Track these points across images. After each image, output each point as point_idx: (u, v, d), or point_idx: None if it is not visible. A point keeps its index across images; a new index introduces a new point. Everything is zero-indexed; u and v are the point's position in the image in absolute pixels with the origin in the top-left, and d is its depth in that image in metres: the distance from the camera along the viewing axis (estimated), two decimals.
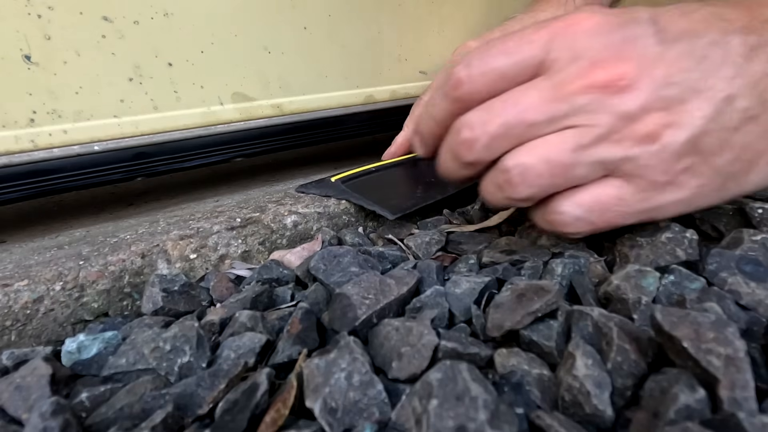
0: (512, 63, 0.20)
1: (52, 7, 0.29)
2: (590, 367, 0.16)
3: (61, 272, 0.25)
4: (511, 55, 0.20)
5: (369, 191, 0.35)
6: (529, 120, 0.20)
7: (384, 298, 0.21)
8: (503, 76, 0.21)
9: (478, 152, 0.21)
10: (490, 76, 0.21)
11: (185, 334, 0.19)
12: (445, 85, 0.22)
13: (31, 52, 0.29)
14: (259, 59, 0.37)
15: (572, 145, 0.19)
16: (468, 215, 0.35)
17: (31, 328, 0.24)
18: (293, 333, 0.20)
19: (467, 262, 0.26)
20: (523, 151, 0.20)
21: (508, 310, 0.19)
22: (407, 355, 0.17)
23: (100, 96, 0.32)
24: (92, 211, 0.40)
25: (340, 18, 0.41)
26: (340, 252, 0.25)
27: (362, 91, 0.44)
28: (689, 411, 0.13)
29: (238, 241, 0.30)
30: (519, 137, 0.20)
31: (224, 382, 0.17)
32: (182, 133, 0.35)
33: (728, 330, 0.15)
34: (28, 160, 0.30)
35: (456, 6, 0.48)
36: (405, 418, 0.15)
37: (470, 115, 0.21)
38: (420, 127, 0.25)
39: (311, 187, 0.37)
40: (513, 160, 0.20)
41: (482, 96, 0.21)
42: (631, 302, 0.19)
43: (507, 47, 0.21)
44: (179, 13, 0.33)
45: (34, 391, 0.17)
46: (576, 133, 0.20)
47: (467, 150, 0.21)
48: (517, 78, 0.21)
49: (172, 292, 0.25)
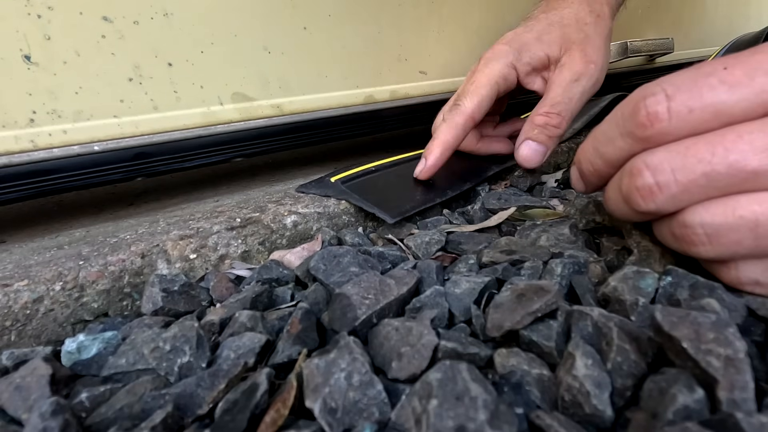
0: (738, 99, 0.16)
1: (52, 7, 0.29)
2: (590, 367, 0.16)
3: (60, 272, 0.25)
4: (737, 89, 0.16)
5: (369, 192, 0.35)
6: (748, 169, 0.15)
7: (384, 298, 0.21)
8: (720, 115, 0.16)
9: (661, 204, 0.17)
10: (701, 115, 0.16)
11: (185, 334, 0.19)
12: (631, 121, 0.18)
13: (30, 52, 0.29)
14: (259, 59, 0.37)
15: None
16: (468, 215, 0.35)
17: (30, 328, 0.24)
18: (293, 333, 0.20)
19: (467, 262, 0.26)
20: (719, 208, 0.16)
21: (507, 310, 0.19)
22: (407, 355, 0.17)
23: (100, 96, 0.32)
24: (92, 211, 0.40)
25: (340, 18, 0.41)
26: (340, 252, 0.25)
27: (362, 91, 0.44)
28: (688, 411, 0.13)
29: (238, 241, 0.30)
30: (720, 190, 0.16)
31: (224, 382, 0.17)
32: (182, 133, 0.35)
33: (728, 330, 0.15)
34: (28, 160, 0.30)
35: (456, 6, 0.48)
36: (405, 418, 0.15)
37: (657, 156, 0.17)
38: (582, 165, 0.22)
39: (311, 186, 0.37)
40: (700, 218, 0.17)
41: (680, 137, 0.17)
42: (628, 304, 0.19)
43: (734, 77, 0.16)
44: (179, 13, 0.33)
45: (33, 392, 0.17)
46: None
47: (646, 198, 0.17)
48: (741, 119, 0.16)
49: (172, 292, 0.25)
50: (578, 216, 0.29)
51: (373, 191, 0.35)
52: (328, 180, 0.36)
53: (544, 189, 0.38)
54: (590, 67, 0.36)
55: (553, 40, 0.37)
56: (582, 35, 0.37)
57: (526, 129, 0.37)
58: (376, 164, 0.39)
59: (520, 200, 0.35)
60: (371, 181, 0.37)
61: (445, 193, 0.36)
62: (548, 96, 0.36)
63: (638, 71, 0.66)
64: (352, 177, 0.37)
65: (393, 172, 0.39)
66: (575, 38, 0.37)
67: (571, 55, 0.36)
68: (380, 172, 0.38)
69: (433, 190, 0.36)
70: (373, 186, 0.36)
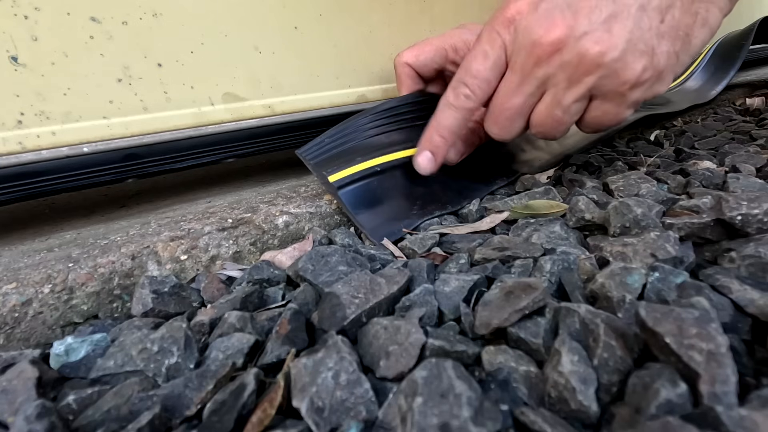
0: None
1: (39, 8, 0.29)
2: (576, 364, 0.16)
3: (50, 275, 0.25)
4: None
5: (363, 203, 0.33)
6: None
7: (374, 297, 0.21)
8: None
9: None
10: None
11: (173, 335, 0.19)
12: None
13: (18, 54, 0.29)
14: (249, 59, 0.37)
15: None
16: (462, 216, 0.35)
17: (19, 331, 0.24)
18: (282, 333, 0.20)
19: (458, 261, 0.26)
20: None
21: (496, 307, 0.19)
22: (395, 354, 0.18)
23: (89, 97, 0.31)
24: (83, 213, 0.40)
25: (331, 17, 0.41)
26: (328, 252, 0.25)
27: (354, 90, 0.43)
28: (670, 406, 0.13)
29: (230, 242, 0.30)
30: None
31: (212, 382, 0.17)
32: (173, 134, 0.35)
33: (711, 326, 0.15)
34: (16, 162, 0.29)
35: (448, 4, 0.48)
36: (391, 416, 0.15)
37: None
38: None
39: (312, 159, 0.34)
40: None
41: None
42: (615, 300, 0.19)
43: None
44: (168, 14, 0.33)
45: (20, 394, 0.17)
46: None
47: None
48: None
49: (162, 293, 0.25)
50: (568, 214, 0.29)
51: (368, 202, 0.33)
52: (326, 176, 0.33)
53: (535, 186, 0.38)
54: None
55: None
56: None
57: None
58: (379, 162, 0.35)
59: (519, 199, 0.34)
60: (369, 187, 0.34)
61: (445, 207, 0.35)
62: None
63: None
64: (351, 180, 0.33)
65: (395, 174, 0.35)
66: None
67: None
68: (381, 175, 0.35)
69: (432, 203, 0.35)
70: (370, 194, 0.33)
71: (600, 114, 0.30)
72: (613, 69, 0.26)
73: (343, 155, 0.35)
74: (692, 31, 0.27)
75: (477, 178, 0.39)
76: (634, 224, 0.25)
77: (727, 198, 0.23)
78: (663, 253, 0.22)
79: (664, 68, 0.27)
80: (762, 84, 0.79)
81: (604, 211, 0.27)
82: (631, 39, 0.26)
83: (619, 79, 0.27)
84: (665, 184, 0.34)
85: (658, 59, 0.27)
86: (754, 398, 0.13)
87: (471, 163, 0.38)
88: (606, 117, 0.30)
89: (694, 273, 0.22)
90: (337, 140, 0.35)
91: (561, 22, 0.26)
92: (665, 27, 0.26)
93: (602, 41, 0.26)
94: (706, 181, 0.33)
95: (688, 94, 0.63)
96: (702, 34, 0.28)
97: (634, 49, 0.26)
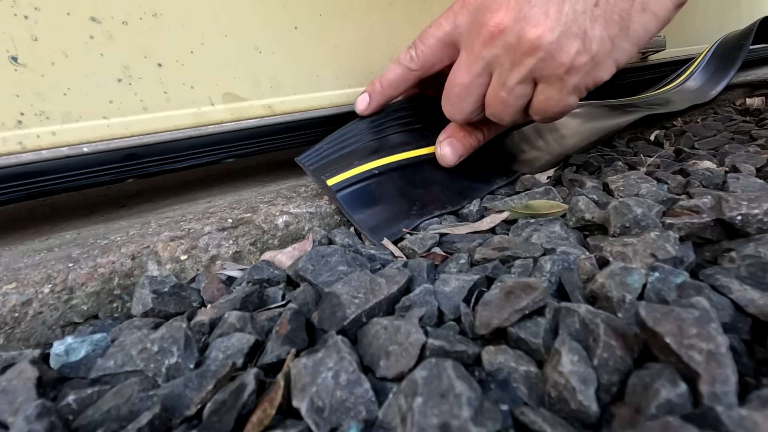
0: None
1: (39, 8, 0.29)
2: (576, 363, 0.16)
3: (50, 275, 0.25)
4: None
5: (362, 205, 0.33)
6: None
7: (374, 297, 0.21)
8: None
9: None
10: None
11: (173, 335, 0.19)
12: None
13: (17, 54, 0.29)
14: (249, 59, 0.37)
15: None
16: (462, 216, 0.35)
17: (19, 331, 0.24)
18: (282, 333, 0.20)
19: (458, 261, 0.26)
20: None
21: (496, 307, 0.19)
22: (395, 354, 0.18)
23: (89, 97, 0.31)
24: (84, 213, 0.40)
25: (332, 17, 0.41)
26: (328, 252, 0.25)
27: (354, 90, 0.43)
28: (670, 406, 0.13)
29: (230, 242, 0.30)
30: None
31: (212, 382, 0.17)
32: (173, 134, 0.35)
33: (711, 326, 0.15)
34: (16, 162, 0.29)
35: (447, 5, 0.48)
36: (391, 416, 0.15)
37: None
38: None
39: (311, 165, 0.34)
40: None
41: None
42: (615, 300, 0.19)
43: None
44: (168, 14, 0.33)
45: (20, 395, 0.17)
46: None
47: None
48: None
49: (163, 293, 0.25)
50: (568, 214, 0.29)
51: (367, 203, 0.33)
52: (324, 180, 0.33)
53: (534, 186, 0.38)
54: None
55: None
56: None
57: None
58: (377, 164, 0.35)
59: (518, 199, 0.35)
60: (367, 189, 0.34)
61: (445, 207, 0.35)
62: None
63: (631, 69, 0.66)
64: (349, 183, 0.33)
65: (393, 176, 0.35)
66: None
67: None
68: (379, 177, 0.35)
69: (432, 203, 0.35)
70: (369, 196, 0.34)
71: (544, 98, 0.30)
72: (549, 51, 0.27)
73: (342, 160, 0.35)
74: (629, 16, 0.27)
75: (477, 178, 0.39)
76: (634, 224, 0.25)
77: (727, 198, 0.23)
78: (663, 253, 0.22)
79: (596, 52, 0.28)
80: (762, 84, 0.79)
81: (604, 211, 0.27)
82: (566, 22, 0.27)
83: (555, 61, 0.28)
84: (665, 184, 0.34)
85: (590, 43, 0.27)
86: (754, 398, 0.13)
87: (471, 163, 0.38)
88: (550, 103, 0.30)
89: (694, 273, 0.22)
90: (335, 146, 0.36)
91: (506, 4, 0.28)
92: (599, 10, 0.27)
93: (540, 24, 0.27)
94: (706, 181, 0.33)
95: (688, 94, 0.63)
96: (643, 19, 0.27)
97: (568, 32, 0.27)
